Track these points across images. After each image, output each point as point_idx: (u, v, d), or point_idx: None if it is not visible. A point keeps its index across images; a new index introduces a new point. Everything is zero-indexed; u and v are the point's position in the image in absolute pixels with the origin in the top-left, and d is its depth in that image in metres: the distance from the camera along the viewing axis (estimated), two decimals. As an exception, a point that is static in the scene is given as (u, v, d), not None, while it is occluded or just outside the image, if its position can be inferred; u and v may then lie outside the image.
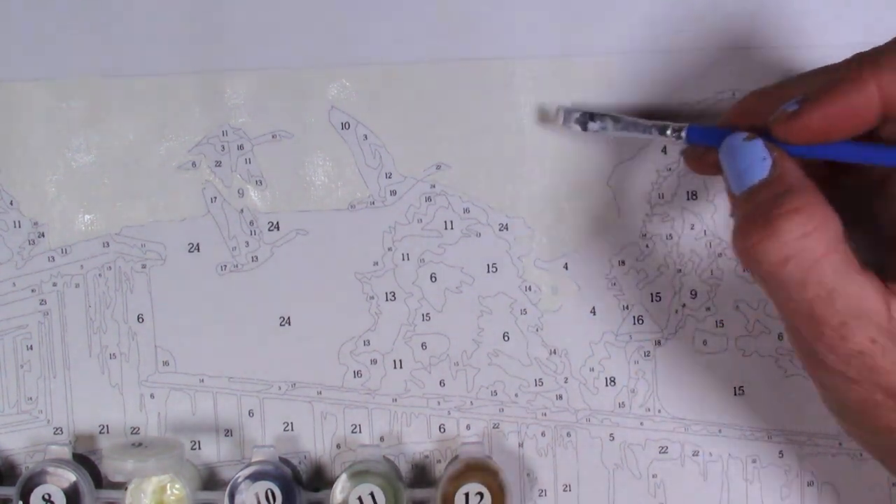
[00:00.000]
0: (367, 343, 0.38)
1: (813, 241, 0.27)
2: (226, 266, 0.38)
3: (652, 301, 0.38)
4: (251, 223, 0.38)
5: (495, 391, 0.38)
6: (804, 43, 0.37)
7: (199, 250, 0.38)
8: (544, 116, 0.37)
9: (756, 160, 0.29)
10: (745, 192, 0.29)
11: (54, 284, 0.38)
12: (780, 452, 0.39)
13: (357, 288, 0.38)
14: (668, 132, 0.34)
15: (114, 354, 0.38)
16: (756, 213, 0.28)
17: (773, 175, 0.29)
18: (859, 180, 0.33)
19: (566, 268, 0.38)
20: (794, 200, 0.27)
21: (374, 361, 0.38)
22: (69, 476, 0.36)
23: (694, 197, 0.38)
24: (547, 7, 0.37)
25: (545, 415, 0.38)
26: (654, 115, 0.37)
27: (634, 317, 0.38)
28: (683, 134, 0.33)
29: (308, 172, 0.38)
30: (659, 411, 0.38)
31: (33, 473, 0.36)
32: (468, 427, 0.39)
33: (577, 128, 0.36)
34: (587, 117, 0.36)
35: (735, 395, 0.38)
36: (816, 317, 0.28)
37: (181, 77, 0.37)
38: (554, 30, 0.37)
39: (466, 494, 0.36)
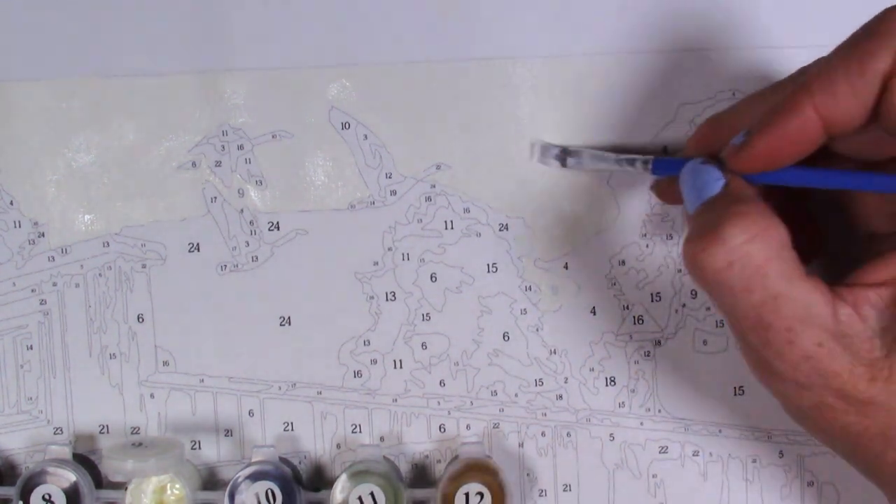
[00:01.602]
0: (367, 343, 0.38)
1: (757, 246, 0.27)
2: (226, 266, 0.38)
3: (652, 301, 0.38)
4: (251, 223, 0.38)
5: (495, 391, 0.38)
6: (803, 42, 0.37)
7: (199, 250, 0.38)
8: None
9: (711, 180, 0.30)
10: (697, 208, 0.30)
11: (54, 284, 0.38)
12: (780, 452, 0.39)
13: (357, 288, 0.38)
14: (637, 164, 0.35)
15: (114, 354, 0.38)
16: (704, 223, 0.29)
17: (724, 191, 0.30)
18: (831, 191, 0.33)
19: (566, 268, 0.38)
20: (739, 207, 0.28)
21: (374, 361, 0.38)
22: (69, 476, 0.36)
23: (694, 197, 0.38)
24: (547, 7, 0.37)
25: (545, 415, 0.38)
26: (654, 116, 0.37)
27: (634, 317, 0.38)
28: (650, 166, 0.34)
29: (308, 172, 0.38)
30: (659, 411, 0.38)
31: (33, 473, 0.36)
32: (468, 427, 0.39)
33: (556, 164, 0.37)
34: (565, 153, 0.36)
35: (735, 395, 0.38)
36: (763, 323, 0.28)
37: (181, 77, 0.37)
38: (554, 30, 0.37)
39: (466, 494, 0.36)
